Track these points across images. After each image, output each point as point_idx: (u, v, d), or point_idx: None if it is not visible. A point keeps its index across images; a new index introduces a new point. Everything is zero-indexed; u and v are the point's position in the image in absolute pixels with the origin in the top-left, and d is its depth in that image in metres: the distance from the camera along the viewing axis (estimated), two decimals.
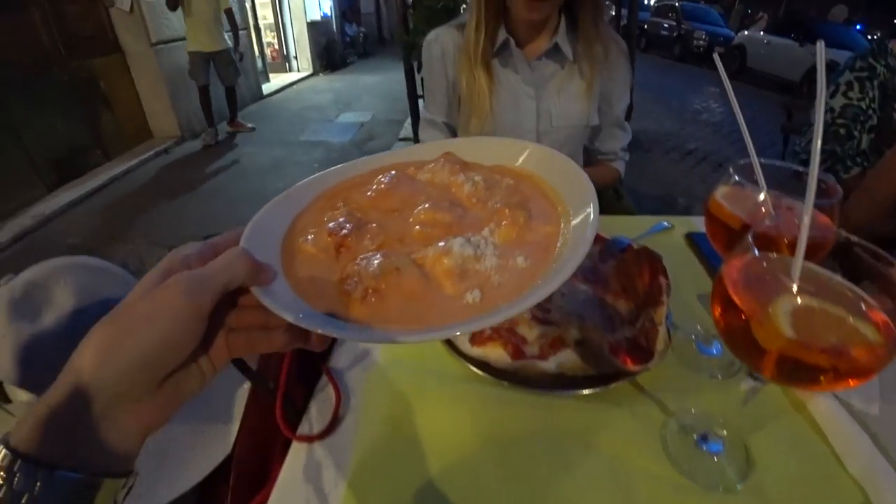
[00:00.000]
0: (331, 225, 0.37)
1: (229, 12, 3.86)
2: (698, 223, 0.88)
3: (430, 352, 0.58)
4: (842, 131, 1.26)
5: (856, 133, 1.25)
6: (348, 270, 0.33)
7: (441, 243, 0.34)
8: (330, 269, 0.34)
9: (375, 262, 0.32)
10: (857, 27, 9.08)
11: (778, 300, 0.32)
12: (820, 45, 0.36)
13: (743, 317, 0.32)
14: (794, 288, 0.31)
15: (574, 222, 0.34)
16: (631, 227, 0.84)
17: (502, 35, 0.87)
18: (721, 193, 0.51)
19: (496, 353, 0.54)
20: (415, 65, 1.72)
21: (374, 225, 0.37)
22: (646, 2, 15.05)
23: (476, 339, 0.55)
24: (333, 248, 0.35)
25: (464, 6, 1.60)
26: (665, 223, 0.85)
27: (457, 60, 0.92)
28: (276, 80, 6.45)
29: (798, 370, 0.32)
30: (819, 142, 0.33)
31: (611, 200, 1.68)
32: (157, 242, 2.51)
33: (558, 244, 0.33)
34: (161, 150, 3.98)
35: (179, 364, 0.28)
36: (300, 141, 4.12)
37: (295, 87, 6.48)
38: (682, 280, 0.70)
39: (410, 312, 0.30)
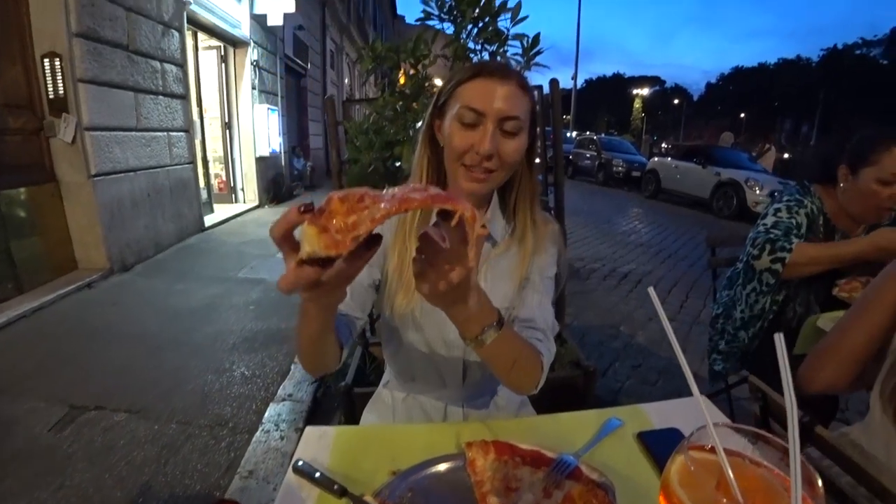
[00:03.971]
0: None
1: None
2: (649, 413, 0.82)
3: None
4: (772, 234, 1.41)
5: (783, 241, 1.38)
6: None
7: None
8: None
9: None
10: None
11: None
12: (778, 339, 0.32)
13: None
14: None
15: None
16: (578, 429, 0.77)
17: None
18: (677, 475, 0.44)
19: None
20: None
21: None
22: (569, 135, 17.21)
23: None
24: None
25: (398, 163, 1.65)
26: (615, 420, 0.79)
27: (387, 233, 0.88)
28: (221, 212, 6.44)
29: None
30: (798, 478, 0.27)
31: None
32: (60, 398, 2.17)
33: None
34: (84, 283, 3.68)
35: None
36: (238, 278, 3.97)
37: (239, 219, 6.47)
38: None
39: None
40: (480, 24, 1.51)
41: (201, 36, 6.25)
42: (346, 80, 15.17)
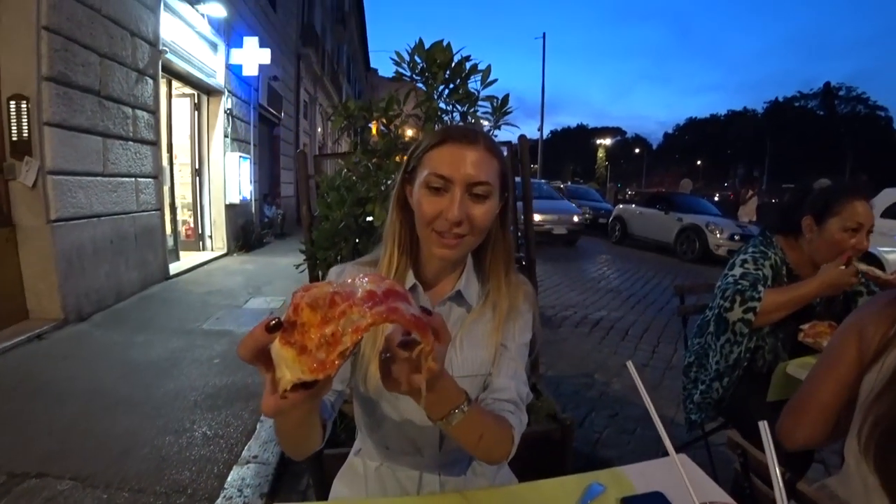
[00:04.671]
0: None
1: None
2: (631, 476, 0.81)
3: None
4: (741, 286, 1.45)
5: (751, 292, 1.43)
6: None
7: None
8: None
9: None
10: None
11: None
12: (763, 427, 0.32)
13: None
14: None
15: None
16: (559, 497, 0.76)
17: (410, 279, 0.84)
18: None
19: None
20: (319, 274, 1.70)
21: None
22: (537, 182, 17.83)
23: None
24: None
25: (369, 218, 1.64)
26: (597, 486, 0.77)
27: None
28: (187, 259, 6.26)
29: None
30: None
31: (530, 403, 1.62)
32: None
33: None
34: (34, 334, 3.46)
35: None
36: (203, 330, 3.80)
37: (206, 267, 6.29)
38: None
39: None
40: (451, 86, 1.57)
41: (175, 83, 6.30)
42: (319, 130, 15.43)
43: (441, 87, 1.58)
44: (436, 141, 0.79)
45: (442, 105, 1.60)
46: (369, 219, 1.57)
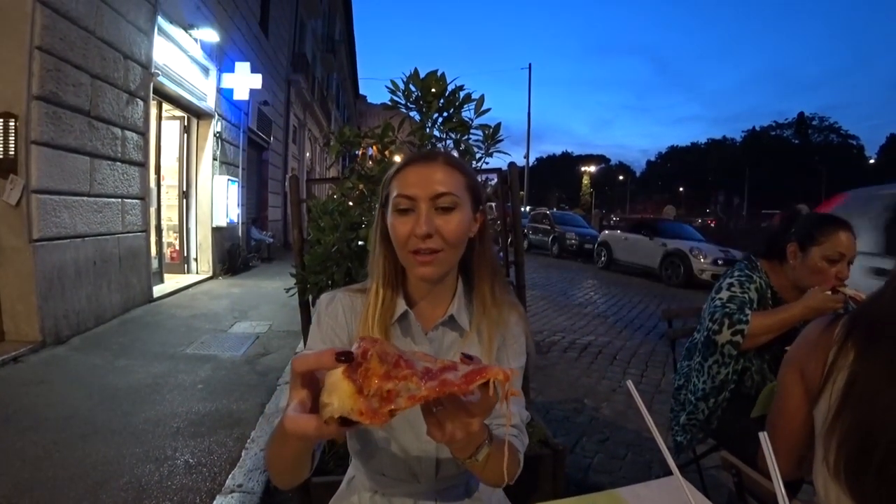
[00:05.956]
0: None
1: None
2: (627, 498, 0.81)
3: None
4: (729, 309, 1.50)
5: (739, 314, 1.47)
6: None
7: None
8: None
9: None
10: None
11: None
12: (763, 437, 0.34)
13: None
14: None
15: None
16: None
17: (401, 307, 0.85)
18: None
19: None
20: (310, 298, 1.69)
21: None
22: (523, 209, 18.12)
23: None
24: None
25: (361, 242, 1.65)
26: None
27: (352, 325, 0.87)
28: (171, 282, 6.16)
29: None
30: None
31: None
32: None
33: None
34: (10, 357, 3.35)
35: None
36: (186, 355, 3.71)
37: (190, 290, 6.19)
38: None
39: None
40: (445, 115, 1.61)
41: (166, 106, 6.32)
42: (308, 155, 15.51)
43: (435, 116, 1.61)
44: (399, 167, 0.83)
45: (436, 133, 1.63)
46: (361, 243, 1.58)
